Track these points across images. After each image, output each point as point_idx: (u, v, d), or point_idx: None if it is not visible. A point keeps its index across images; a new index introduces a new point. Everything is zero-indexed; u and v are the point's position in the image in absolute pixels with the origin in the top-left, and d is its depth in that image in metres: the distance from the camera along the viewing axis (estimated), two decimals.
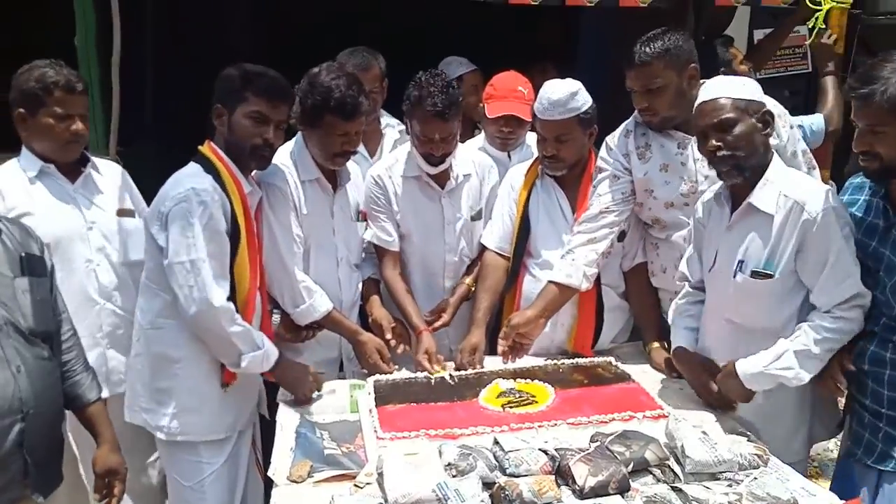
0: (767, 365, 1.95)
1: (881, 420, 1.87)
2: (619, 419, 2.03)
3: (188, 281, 2.03)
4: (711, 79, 2.13)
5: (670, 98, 2.31)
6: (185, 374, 2.14)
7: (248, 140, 2.13)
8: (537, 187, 2.58)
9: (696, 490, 1.70)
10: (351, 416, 2.14)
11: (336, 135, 2.31)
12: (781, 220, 1.96)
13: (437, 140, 2.46)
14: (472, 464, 1.73)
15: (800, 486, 1.74)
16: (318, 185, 2.44)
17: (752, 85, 2.05)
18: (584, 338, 2.55)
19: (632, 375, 2.32)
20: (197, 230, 2.02)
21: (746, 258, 2.02)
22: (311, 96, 2.28)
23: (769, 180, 2.00)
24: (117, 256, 2.38)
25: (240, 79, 2.14)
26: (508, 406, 2.13)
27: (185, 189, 2.05)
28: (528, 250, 2.59)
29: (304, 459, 1.87)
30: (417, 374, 2.38)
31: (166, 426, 2.16)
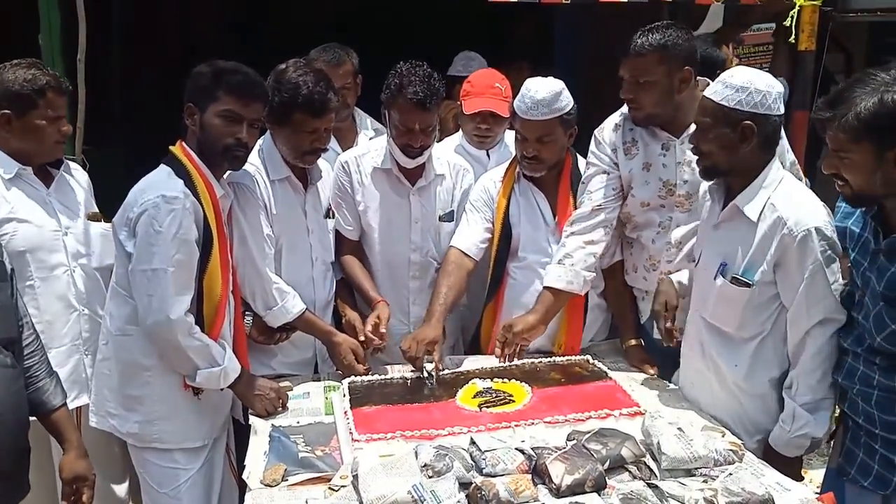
0: (790, 430, 1.94)
1: (876, 442, 1.81)
2: (596, 417, 2.03)
3: (148, 290, 1.99)
4: (734, 68, 2.06)
5: (657, 95, 2.27)
6: (157, 382, 2.10)
7: (220, 140, 2.08)
8: (516, 191, 2.55)
9: (671, 486, 1.70)
10: (326, 418, 2.12)
11: (305, 132, 2.28)
12: (765, 231, 1.93)
13: (417, 130, 2.42)
14: (449, 464, 1.71)
15: (774, 480, 1.75)
16: (289, 183, 2.40)
17: (747, 91, 1.91)
18: (573, 340, 2.53)
19: (609, 373, 2.31)
20: (163, 239, 1.98)
21: (728, 261, 2.00)
22: (278, 94, 2.24)
23: (762, 186, 1.96)
24: (91, 262, 2.35)
25: (211, 76, 2.09)
26: (485, 406, 2.11)
27: (155, 195, 1.99)
28: (510, 253, 2.56)
29: (279, 463, 1.84)
30: (393, 375, 2.36)
31: (138, 433, 2.12)
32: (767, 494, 1.66)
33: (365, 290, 2.53)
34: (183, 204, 2.00)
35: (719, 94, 1.94)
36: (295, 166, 2.39)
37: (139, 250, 2.00)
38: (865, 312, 1.81)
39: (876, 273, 1.78)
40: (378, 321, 2.42)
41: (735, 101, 1.91)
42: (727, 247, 2.01)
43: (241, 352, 2.24)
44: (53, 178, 2.34)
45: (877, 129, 1.66)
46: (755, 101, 1.91)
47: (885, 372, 1.77)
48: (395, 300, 2.59)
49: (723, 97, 1.93)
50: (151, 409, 2.11)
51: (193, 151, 2.10)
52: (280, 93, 2.24)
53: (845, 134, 1.70)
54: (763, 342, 2.00)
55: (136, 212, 2.00)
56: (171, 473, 2.14)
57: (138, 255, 2.00)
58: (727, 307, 2.01)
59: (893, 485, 1.76)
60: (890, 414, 1.75)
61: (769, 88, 1.93)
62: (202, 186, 2.07)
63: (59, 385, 1.98)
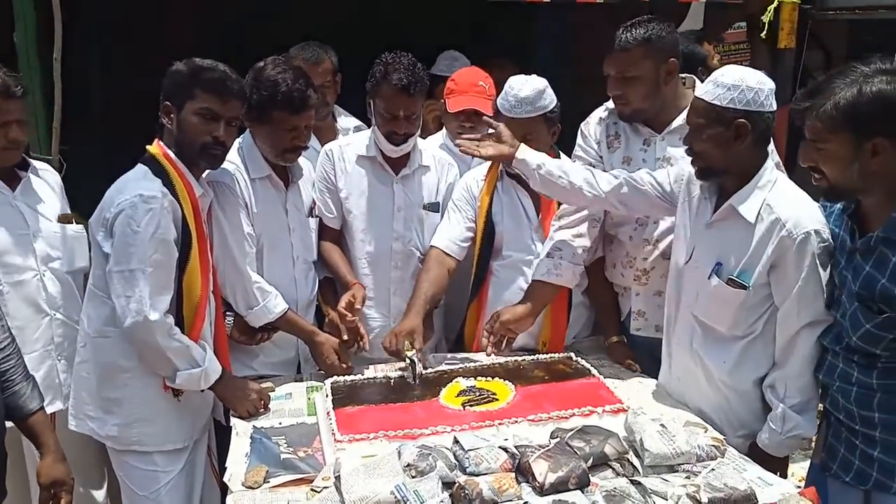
0: (782, 432, 1.94)
1: (856, 437, 1.82)
2: (580, 414, 2.03)
3: (126, 291, 1.96)
4: (725, 67, 2.06)
5: (644, 89, 2.27)
6: (137, 384, 2.08)
7: (197, 138, 2.06)
8: (499, 189, 2.55)
9: (654, 483, 1.70)
10: (308, 418, 2.10)
11: (285, 129, 2.26)
12: (762, 233, 1.92)
13: (401, 117, 2.43)
14: (432, 464, 1.70)
15: (756, 475, 1.76)
16: (270, 182, 2.38)
17: (738, 90, 1.90)
18: (557, 338, 2.53)
19: (592, 370, 2.31)
20: (141, 239, 1.95)
21: (724, 262, 1.99)
22: (257, 91, 2.22)
23: (757, 186, 1.95)
24: (63, 265, 2.31)
25: (188, 74, 2.06)
26: (469, 404, 2.10)
27: (132, 195, 1.97)
28: (493, 251, 2.55)
29: (260, 464, 1.83)
30: (376, 374, 2.34)
31: (117, 436, 2.10)
32: (749, 489, 1.66)
33: (342, 273, 2.51)
34: (161, 203, 1.97)
35: (711, 94, 1.93)
36: (275, 164, 2.37)
37: (116, 250, 1.97)
38: (843, 311, 1.82)
39: (852, 272, 1.79)
40: (352, 300, 2.40)
41: (727, 99, 1.91)
42: (722, 247, 2.00)
43: (221, 353, 2.22)
44: (21, 180, 2.30)
45: (855, 119, 1.66)
46: (748, 99, 1.91)
47: (864, 369, 1.78)
48: (377, 291, 2.58)
49: (715, 96, 1.93)
50: (130, 412, 2.08)
51: (171, 150, 2.08)
52: (259, 90, 2.22)
53: (823, 124, 1.70)
54: (753, 341, 2.00)
55: (113, 212, 1.97)
56: (151, 476, 2.12)
57: (116, 255, 1.97)
58: (721, 307, 2.01)
59: (873, 480, 1.77)
60: (868, 410, 1.76)
61: (760, 85, 1.93)
62: (180, 185, 2.04)
63: (35, 389, 1.95)
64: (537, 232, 2.52)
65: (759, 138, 1.95)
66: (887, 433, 1.74)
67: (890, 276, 1.69)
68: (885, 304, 1.70)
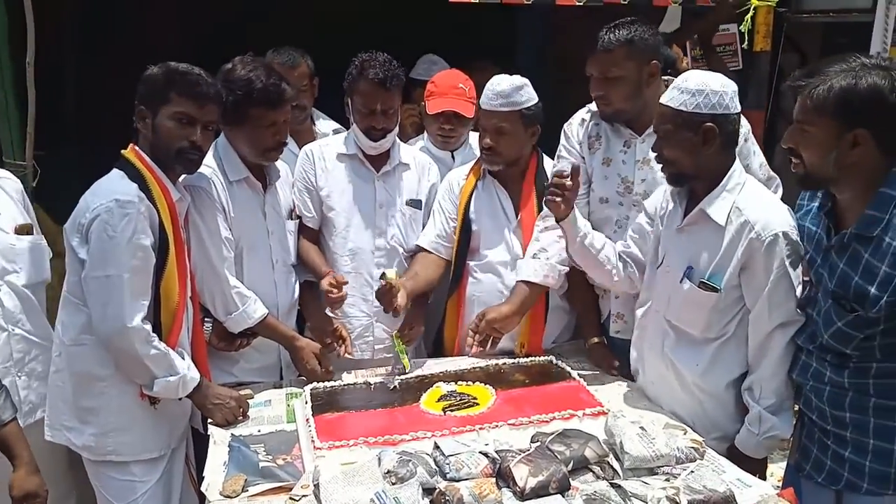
0: (759, 433, 1.95)
1: (828, 438, 1.82)
2: (560, 418, 2.03)
3: (102, 298, 1.93)
4: (686, 73, 2.09)
5: (626, 90, 2.29)
6: (113, 393, 2.04)
7: (173, 143, 2.03)
8: (479, 188, 2.56)
9: (634, 485, 1.71)
10: (288, 426, 2.08)
11: (264, 126, 2.25)
12: (732, 235, 1.94)
13: (379, 111, 2.44)
14: (412, 470, 1.69)
15: (735, 477, 1.77)
16: (247, 184, 2.37)
17: (703, 94, 1.93)
18: (536, 339, 2.53)
19: (572, 373, 2.32)
20: (118, 244, 1.92)
21: (694, 266, 2.01)
22: (231, 92, 2.20)
23: (726, 189, 1.97)
24: (20, 278, 2.23)
25: (163, 78, 2.04)
26: (449, 409, 2.10)
27: (108, 200, 1.94)
28: (471, 251, 2.56)
29: (238, 473, 1.81)
30: (357, 380, 2.33)
31: (93, 446, 2.06)
32: (728, 491, 1.67)
33: (317, 266, 2.50)
34: (137, 208, 1.95)
35: (676, 100, 1.96)
36: (253, 166, 2.35)
37: (92, 256, 1.94)
38: (818, 310, 1.83)
39: (828, 270, 1.80)
40: (334, 279, 2.39)
41: (693, 104, 1.93)
42: (693, 251, 2.02)
43: (200, 360, 2.19)
44: None
45: (844, 106, 1.66)
46: (713, 103, 1.93)
47: (836, 368, 1.79)
48: (358, 289, 2.57)
49: (680, 102, 1.95)
50: (107, 421, 2.05)
51: (146, 155, 2.05)
52: (233, 91, 2.20)
53: (812, 104, 1.68)
54: (726, 343, 2.01)
55: (89, 217, 1.94)
56: (128, 486, 2.09)
57: (92, 261, 1.94)
58: (693, 311, 2.02)
59: (844, 480, 1.78)
60: (840, 409, 1.77)
61: (724, 88, 1.95)
62: (157, 190, 2.02)
63: (8, 399, 1.91)
64: (516, 232, 2.52)
65: (726, 141, 1.97)
66: (858, 433, 1.75)
67: (863, 274, 1.69)
68: (857, 302, 1.70)
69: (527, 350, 2.51)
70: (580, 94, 2.43)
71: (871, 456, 1.73)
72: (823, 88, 1.67)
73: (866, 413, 1.73)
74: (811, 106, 1.68)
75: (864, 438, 1.74)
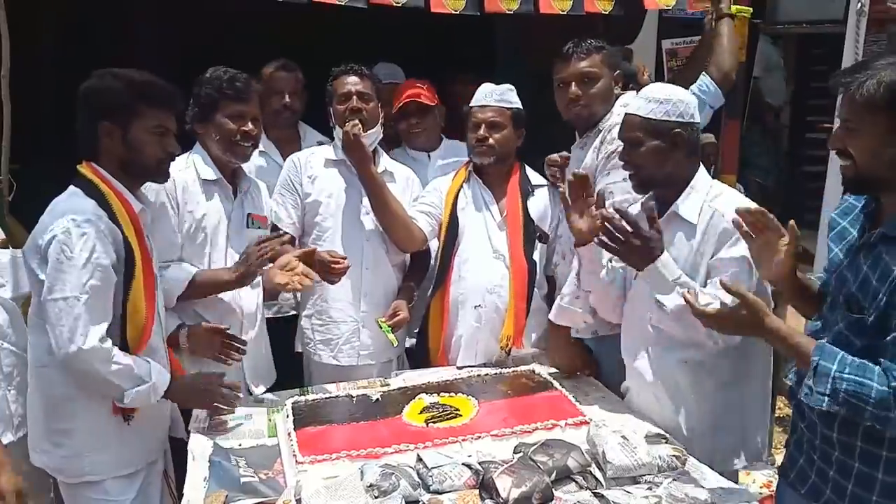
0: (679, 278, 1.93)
1: (815, 452, 1.73)
2: (543, 428, 2.03)
3: (59, 320, 1.86)
4: (650, 85, 2.14)
5: (602, 92, 2.39)
6: (83, 413, 1.99)
7: (153, 156, 2.00)
8: (465, 188, 2.61)
9: (617, 495, 1.71)
10: (269, 440, 2.06)
11: (233, 118, 2.29)
12: (703, 228, 1.99)
13: (354, 93, 2.53)
14: (395, 483, 1.69)
15: (717, 485, 1.78)
16: (218, 187, 2.36)
17: (671, 103, 1.99)
18: (518, 332, 2.53)
19: (554, 383, 2.32)
20: (75, 265, 1.86)
21: None
22: (203, 92, 2.30)
23: (694, 189, 2.03)
24: (6, 291, 2.21)
25: (128, 91, 1.97)
26: (432, 421, 2.09)
27: (65, 219, 1.87)
28: (456, 250, 2.57)
29: (219, 489, 1.78)
30: (338, 393, 2.32)
31: (67, 468, 2.01)
32: (710, 499, 1.68)
33: None
34: (96, 227, 1.89)
35: (645, 109, 2.02)
36: (225, 169, 2.36)
37: (50, 278, 1.87)
38: (827, 315, 1.71)
39: (853, 272, 1.64)
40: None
41: (662, 112, 2.00)
42: (669, 253, 2.02)
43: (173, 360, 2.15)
44: None
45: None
46: (680, 111, 2.01)
47: None
48: (347, 294, 2.59)
49: (649, 111, 2.01)
50: (81, 442, 1.99)
51: (111, 170, 1.99)
52: (203, 89, 2.29)
53: (861, 99, 1.54)
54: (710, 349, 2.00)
55: (47, 238, 1.88)
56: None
57: (49, 283, 1.87)
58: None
59: (825, 497, 1.71)
60: (829, 429, 1.67)
61: (689, 99, 2.06)
62: (118, 204, 1.96)
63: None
64: (500, 228, 2.55)
65: (691, 148, 2.04)
66: (845, 455, 1.66)
67: (879, 276, 1.55)
68: (867, 305, 1.56)
69: (511, 343, 2.52)
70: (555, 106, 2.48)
71: (854, 480, 1.64)
72: (873, 83, 1.52)
73: (854, 436, 1.63)
74: (860, 102, 1.54)
75: (850, 461, 1.65)
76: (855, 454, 1.63)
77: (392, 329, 2.53)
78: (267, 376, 2.54)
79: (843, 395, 1.51)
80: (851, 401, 1.51)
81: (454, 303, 2.55)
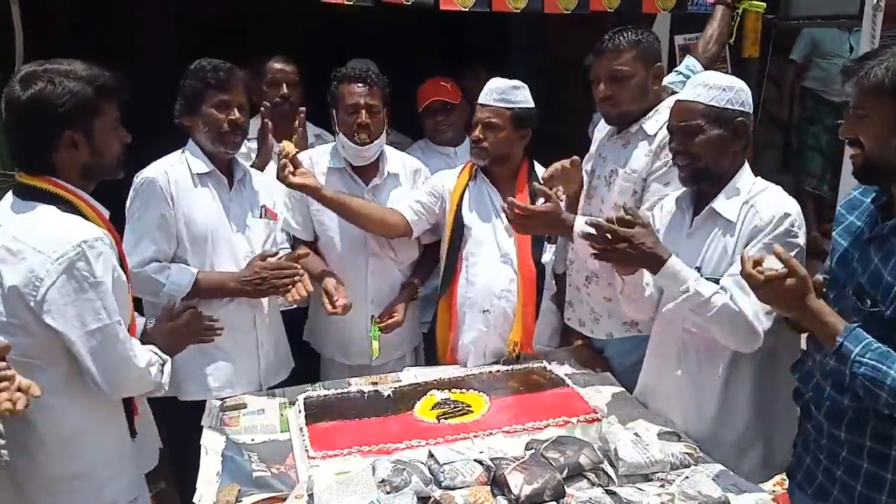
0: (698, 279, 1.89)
1: (822, 453, 1.71)
2: (554, 425, 2.02)
3: (104, 351, 1.73)
4: (703, 73, 2.07)
5: (634, 91, 2.27)
6: (96, 446, 1.85)
7: (116, 153, 1.83)
8: (470, 187, 2.57)
9: (629, 492, 1.71)
10: (281, 435, 2.07)
11: (219, 107, 2.28)
12: (741, 226, 1.93)
13: (362, 105, 2.48)
14: (407, 479, 1.69)
15: (731, 483, 1.77)
16: (212, 179, 2.35)
17: (733, 90, 1.95)
18: (527, 338, 2.50)
19: (566, 380, 2.32)
20: (103, 291, 1.72)
21: (703, 265, 1.97)
22: (189, 84, 2.29)
23: (737, 188, 1.96)
24: None
25: (90, 91, 1.74)
26: (443, 417, 2.09)
27: (75, 243, 1.68)
28: (462, 252, 2.54)
29: (232, 483, 1.79)
30: (350, 389, 2.32)
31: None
32: (723, 497, 1.68)
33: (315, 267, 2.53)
34: (103, 241, 1.74)
35: (706, 96, 1.94)
36: (217, 161, 2.35)
37: (79, 310, 1.70)
38: (836, 308, 1.66)
39: (862, 265, 1.62)
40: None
41: (725, 100, 1.94)
42: (701, 251, 1.99)
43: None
44: None
45: None
46: (742, 100, 1.95)
47: (837, 387, 1.65)
48: (353, 300, 2.55)
49: (711, 98, 1.94)
50: (99, 475, 1.86)
51: (71, 179, 1.78)
52: (188, 81, 2.29)
53: (869, 85, 1.54)
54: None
55: (57, 268, 1.67)
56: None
57: (80, 316, 1.70)
58: None
59: (833, 497, 1.69)
60: (837, 428, 1.65)
61: (745, 87, 1.98)
62: (92, 215, 1.80)
63: None
64: (508, 231, 2.50)
65: (748, 140, 1.98)
66: (853, 456, 1.63)
67: (892, 270, 1.53)
68: (882, 300, 1.54)
69: (519, 349, 2.50)
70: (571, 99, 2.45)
71: (862, 480, 1.61)
72: (881, 69, 1.52)
73: (863, 436, 1.60)
74: (868, 88, 1.54)
75: (859, 461, 1.62)
76: (864, 453, 1.60)
77: (382, 330, 2.52)
78: (284, 368, 2.53)
79: (861, 379, 1.50)
80: (868, 385, 1.49)
81: (462, 307, 2.52)
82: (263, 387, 2.41)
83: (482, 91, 2.51)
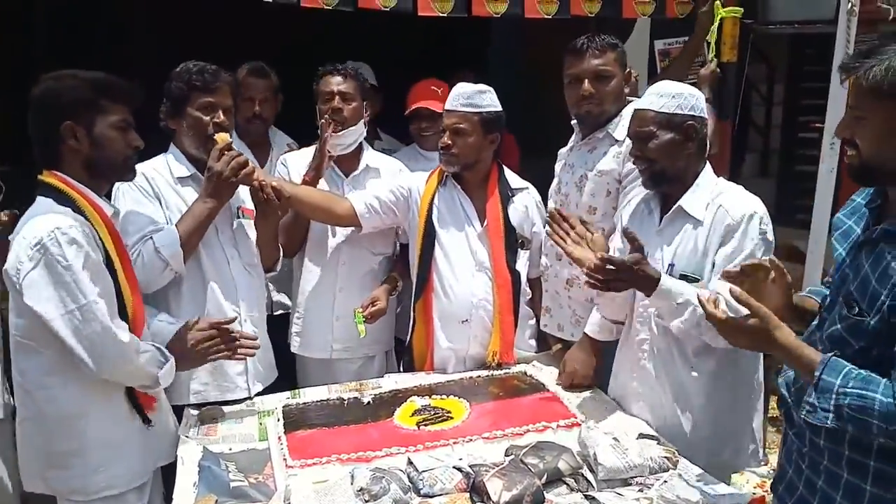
0: None
1: (803, 461, 1.65)
2: (534, 430, 2.02)
3: (85, 329, 1.80)
4: (658, 83, 2.12)
5: (614, 91, 2.36)
6: (95, 428, 1.91)
7: (120, 152, 1.92)
8: (441, 192, 2.53)
9: (608, 497, 1.71)
10: (259, 444, 2.04)
11: (204, 110, 2.25)
12: (709, 223, 2.00)
13: (336, 93, 2.57)
14: (386, 487, 1.68)
15: (708, 486, 1.77)
16: (194, 182, 2.32)
17: (682, 97, 2.03)
18: (506, 346, 2.48)
19: (546, 384, 2.31)
20: (76, 270, 1.79)
21: (676, 261, 2.04)
22: (174, 87, 2.26)
23: (700, 186, 2.05)
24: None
25: (89, 87, 1.88)
26: (423, 424, 2.08)
27: (48, 230, 1.78)
28: (435, 261, 2.50)
29: (209, 494, 1.77)
30: (329, 396, 2.30)
31: (81, 487, 1.92)
32: (702, 501, 1.68)
33: None
34: (81, 231, 1.82)
35: (657, 104, 2.03)
36: (200, 164, 2.31)
37: (55, 294, 1.79)
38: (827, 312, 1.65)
39: (853, 270, 1.57)
40: None
41: (674, 106, 2.03)
42: (672, 247, 2.05)
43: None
44: None
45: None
46: (691, 105, 2.04)
47: None
48: (321, 291, 2.62)
49: (661, 105, 2.03)
50: (93, 459, 1.91)
51: (76, 175, 1.90)
52: (174, 83, 2.26)
53: (868, 85, 1.48)
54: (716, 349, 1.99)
55: (35, 253, 1.78)
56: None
57: (58, 298, 1.79)
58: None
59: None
60: (817, 436, 1.60)
61: (697, 93, 2.07)
62: (90, 210, 1.88)
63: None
64: (481, 240, 2.48)
65: (701, 142, 2.06)
66: (833, 464, 1.58)
67: (879, 277, 1.48)
68: (868, 307, 1.49)
69: (498, 359, 2.48)
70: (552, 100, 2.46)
71: (842, 491, 1.56)
72: (880, 69, 1.46)
73: (841, 444, 1.55)
74: (867, 88, 1.48)
75: (838, 471, 1.56)
76: (842, 463, 1.55)
77: (367, 319, 2.52)
78: (267, 374, 2.49)
79: (847, 411, 1.43)
80: (856, 416, 1.42)
81: (439, 317, 2.49)
82: (251, 392, 2.37)
83: (448, 97, 2.48)
